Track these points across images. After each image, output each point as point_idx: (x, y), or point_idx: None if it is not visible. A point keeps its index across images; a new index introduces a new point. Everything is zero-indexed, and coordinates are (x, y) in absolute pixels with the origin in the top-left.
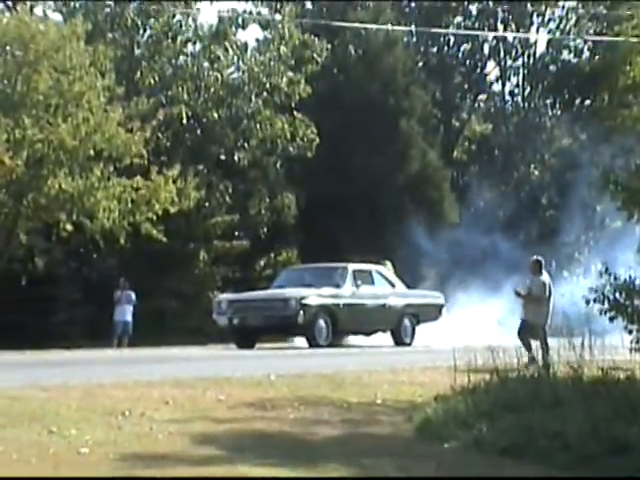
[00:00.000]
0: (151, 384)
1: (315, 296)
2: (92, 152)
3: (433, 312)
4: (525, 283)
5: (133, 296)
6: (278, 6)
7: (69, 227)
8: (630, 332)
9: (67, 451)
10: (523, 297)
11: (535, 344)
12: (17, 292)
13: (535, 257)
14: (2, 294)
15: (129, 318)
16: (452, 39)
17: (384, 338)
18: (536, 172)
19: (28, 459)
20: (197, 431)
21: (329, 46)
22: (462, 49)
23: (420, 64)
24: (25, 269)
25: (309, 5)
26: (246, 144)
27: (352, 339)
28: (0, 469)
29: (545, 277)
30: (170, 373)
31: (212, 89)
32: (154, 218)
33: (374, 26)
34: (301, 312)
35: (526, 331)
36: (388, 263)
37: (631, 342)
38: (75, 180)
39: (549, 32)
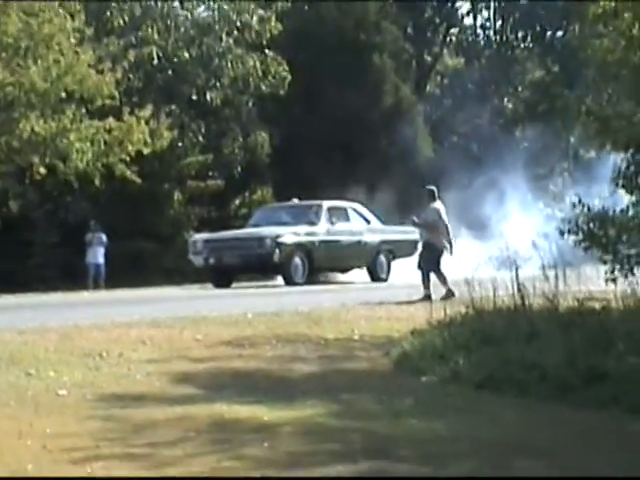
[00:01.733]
0: (128, 325)
1: (290, 234)
2: (63, 94)
3: (409, 248)
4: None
5: (104, 238)
6: None
7: (42, 170)
8: (605, 262)
9: (45, 393)
10: (419, 225)
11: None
12: None
13: (428, 187)
14: None
15: (101, 260)
16: None
17: (360, 275)
18: (510, 105)
19: (7, 402)
20: (175, 371)
21: None
22: None
23: None
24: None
25: None
26: (218, 83)
27: (328, 276)
28: None
29: (438, 205)
30: (147, 313)
31: (182, 29)
32: (127, 159)
33: None
34: (277, 250)
35: (425, 259)
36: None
37: (606, 273)
38: (47, 122)
39: None
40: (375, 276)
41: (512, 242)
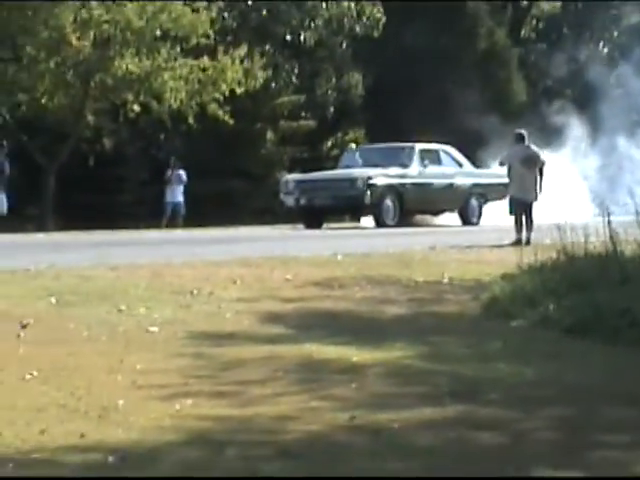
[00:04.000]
0: (219, 264)
1: (382, 176)
2: (158, 32)
3: (501, 191)
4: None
5: (184, 176)
6: None
7: (136, 108)
8: None
9: (136, 329)
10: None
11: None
12: (86, 172)
13: (517, 130)
14: (71, 174)
15: (180, 199)
16: None
17: (452, 218)
18: (605, 50)
19: (98, 337)
20: (264, 310)
21: None
22: None
23: None
24: (93, 150)
25: None
26: (312, 24)
27: (420, 218)
28: (71, 347)
29: (524, 148)
30: (238, 253)
31: None
32: (221, 99)
33: None
34: (368, 192)
35: (517, 204)
36: None
37: None
38: (142, 61)
39: None
40: (466, 219)
41: (608, 188)
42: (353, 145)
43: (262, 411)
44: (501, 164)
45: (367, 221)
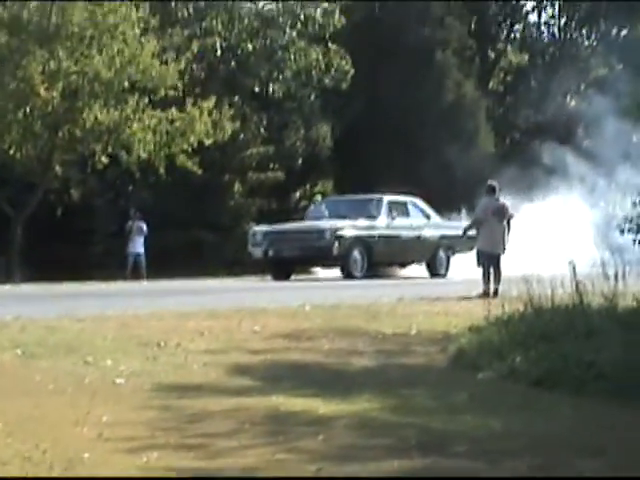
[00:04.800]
0: (187, 315)
1: (350, 228)
2: (127, 84)
3: (468, 243)
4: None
5: (144, 227)
6: None
7: (104, 159)
8: None
9: (103, 381)
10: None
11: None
12: (53, 223)
13: (489, 182)
14: (38, 226)
15: (141, 250)
16: None
17: (419, 269)
18: (572, 102)
19: (64, 389)
20: (232, 362)
21: None
22: None
23: None
24: (61, 200)
25: None
26: (280, 76)
27: (387, 271)
28: (37, 399)
29: (493, 200)
30: (206, 304)
31: (246, 20)
32: (189, 150)
33: None
34: (336, 243)
35: (483, 256)
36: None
37: None
38: (110, 112)
39: None
40: (434, 271)
41: (573, 239)
42: (319, 197)
43: (229, 463)
44: (474, 219)
45: (335, 272)
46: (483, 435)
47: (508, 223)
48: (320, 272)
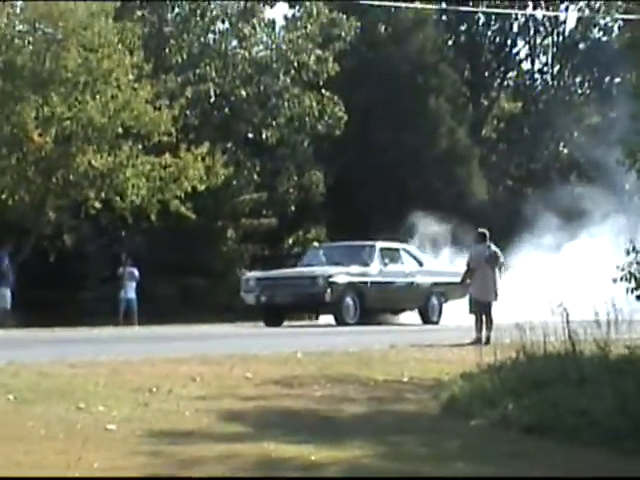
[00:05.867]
0: (179, 361)
1: (343, 274)
2: (120, 129)
3: (461, 290)
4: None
5: (136, 273)
6: None
7: (98, 204)
8: None
9: (94, 427)
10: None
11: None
12: (46, 268)
13: (480, 229)
14: (31, 271)
15: (132, 295)
16: (482, 17)
17: (412, 316)
18: (565, 150)
19: (56, 435)
20: (224, 408)
21: (358, 24)
22: (491, 27)
23: (449, 42)
24: (54, 246)
25: None
26: (274, 122)
27: (380, 317)
28: (28, 444)
29: (485, 247)
30: (198, 350)
31: (240, 67)
32: (183, 195)
33: (403, 4)
34: (329, 290)
35: (476, 303)
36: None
37: None
38: (104, 157)
39: (579, 10)
40: (427, 318)
41: (565, 288)
42: (316, 244)
43: None
44: (467, 266)
45: (327, 319)
46: None
47: (500, 270)
48: (313, 318)
